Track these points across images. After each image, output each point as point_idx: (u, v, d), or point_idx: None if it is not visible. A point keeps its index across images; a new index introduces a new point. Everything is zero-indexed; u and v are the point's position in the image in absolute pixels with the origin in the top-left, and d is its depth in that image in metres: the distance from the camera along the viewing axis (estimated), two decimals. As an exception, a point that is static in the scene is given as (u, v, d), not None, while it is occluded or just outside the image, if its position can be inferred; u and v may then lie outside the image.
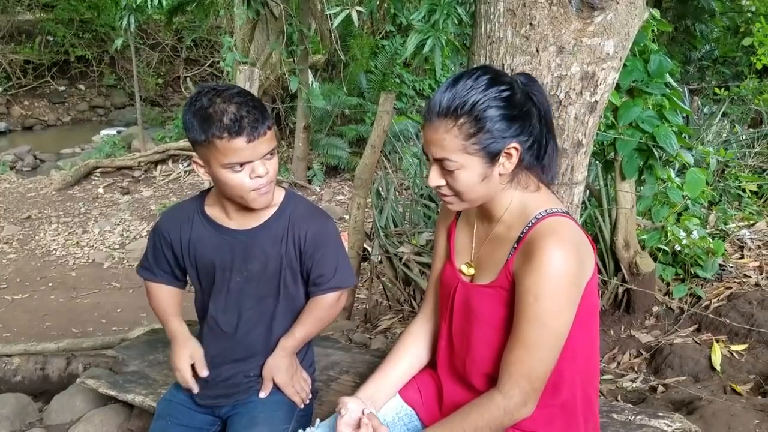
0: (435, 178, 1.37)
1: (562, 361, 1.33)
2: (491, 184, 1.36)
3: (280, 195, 1.69)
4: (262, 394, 1.71)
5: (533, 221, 1.34)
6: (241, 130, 1.44)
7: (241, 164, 1.48)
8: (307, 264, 1.68)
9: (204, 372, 1.71)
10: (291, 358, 1.73)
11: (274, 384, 1.72)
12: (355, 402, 1.49)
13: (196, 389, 1.71)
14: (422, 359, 1.63)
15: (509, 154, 1.33)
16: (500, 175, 1.35)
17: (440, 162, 1.34)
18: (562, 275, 1.26)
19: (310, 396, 1.79)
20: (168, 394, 1.79)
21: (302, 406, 1.74)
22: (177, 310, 1.81)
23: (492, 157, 1.32)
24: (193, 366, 1.73)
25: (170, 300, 1.80)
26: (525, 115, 1.33)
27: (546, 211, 1.35)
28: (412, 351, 1.61)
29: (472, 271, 1.48)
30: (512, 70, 1.79)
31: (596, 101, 1.87)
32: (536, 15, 1.74)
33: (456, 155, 1.32)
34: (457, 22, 3.50)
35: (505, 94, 1.32)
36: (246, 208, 1.60)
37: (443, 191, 1.39)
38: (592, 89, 1.84)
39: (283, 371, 1.71)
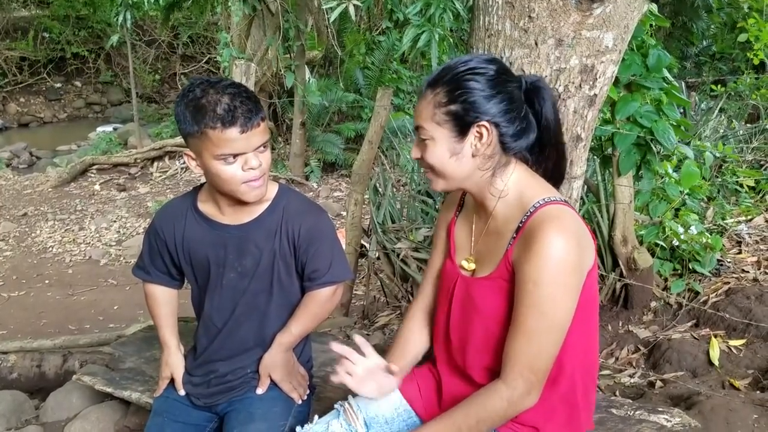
0: (414, 150, 1.40)
1: (561, 353, 1.32)
2: (464, 164, 1.35)
3: (273, 189, 1.68)
4: (259, 391, 1.71)
5: (532, 210, 1.32)
6: (234, 120, 1.43)
7: (234, 156, 1.47)
8: (301, 259, 1.67)
9: (181, 391, 1.76)
10: (287, 353, 1.73)
11: (271, 380, 1.71)
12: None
13: (181, 392, 1.76)
14: (425, 346, 1.62)
15: (480, 134, 1.32)
16: (474, 156, 1.34)
17: (417, 131, 1.37)
18: (562, 261, 1.25)
19: (308, 392, 1.78)
20: (165, 391, 1.79)
21: (300, 402, 1.73)
22: (170, 320, 1.81)
23: (460, 130, 1.32)
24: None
25: (166, 307, 1.81)
26: (509, 101, 1.32)
27: (544, 199, 1.33)
28: (416, 338, 1.61)
29: (472, 265, 1.46)
30: (511, 63, 1.78)
31: (595, 95, 1.86)
32: (535, 7, 1.73)
33: (427, 124, 1.34)
34: (453, 17, 3.48)
35: (491, 73, 1.32)
36: (239, 202, 1.59)
37: (423, 166, 1.40)
38: (591, 82, 1.83)
39: (280, 367, 1.70)
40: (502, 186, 1.38)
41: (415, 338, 1.61)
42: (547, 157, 1.42)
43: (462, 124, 1.32)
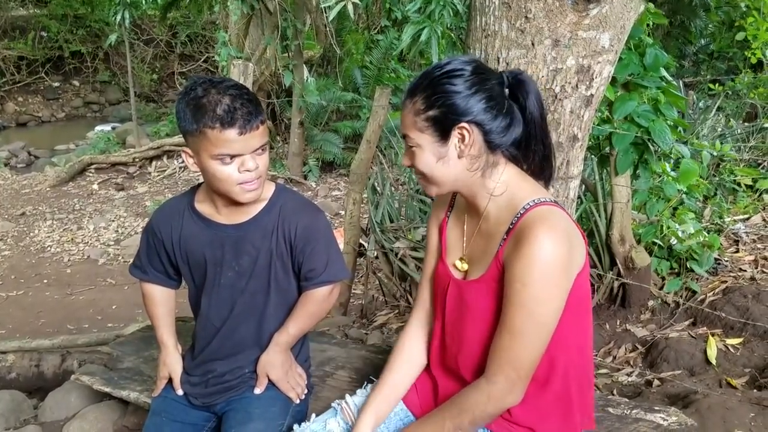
0: (404, 159, 1.41)
1: (553, 351, 1.33)
2: (452, 166, 1.35)
3: (270, 189, 1.68)
4: (257, 390, 1.71)
5: (522, 211, 1.33)
6: (233, 121, 1.44)
7: (231, 156, 1.48)
8: (297, 258, 1.67)
9: (179, 391, 1.76)
10: (285, 353, 1.73)
11: (269, 379, 1.72)
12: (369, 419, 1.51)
13: (179, 392, 1.77)
14: (421, 365, 1.60)
15: (461, 135, 1.32)
16: (460, 158, 1.34)
17: (404, 140, 1.39)
18: (550, 262, 1.25)
19: (305, 391, 1.78)
20: (163, 391, 1.79)
21: (297, 401, 1.74)
22: (168, 319, 1.82)
23: (441, 134, 1.33)
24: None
25: (163, 307, 1.81)
26: (488, 98, 1.32)
27: (535, 200, 1.34)
28: (411, 358, 1.59)
29: (465, 266, 1.46)
30: (507, 64, 1.79)
31: (592, 95, 1.87)
32: (531, 8, 1.73)
33: (411, 132, 1.35)
34: (453, 14, 3.49)
35: (468, 73, 1.32)
36: (235, 202, 1.60)
37: (415, 174, 1.41)
38: (587, 83, 1.84)
39: (278, 367, 1.70)
40: (493, 186, 1.38)
41: (412, 359, 1.59)
42: (534, 152, 1.41)
43: (443, 128, 1.32)
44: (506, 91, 1.35)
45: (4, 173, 9.04)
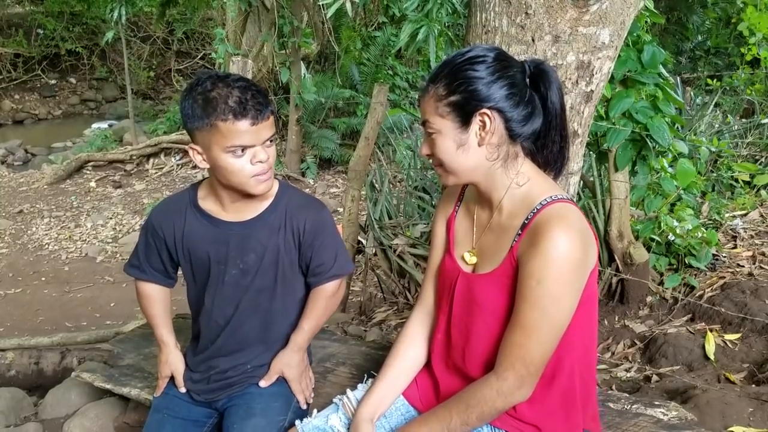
0: (423, 147, 1.41)
1: (561, 350, 1.33)
2: (471, 155, 1.34)
3: (274, 187, 1.68)
4: (263, 384, 1.71)
5: (538, 207, 1.32)
6: (246, 112, 1.44)
7: (243, 148, 1.48)
8: (306, 253, 1.67)
9: (182, 389, 1.76)
10: (302, 353, 1.75)
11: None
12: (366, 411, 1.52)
13: (182, 390, 1.77)
14: (421, 361, 1.60)
15: (482, 122, 1.31)
16: (480, 146, 1.33)
17: (424, 126, 1.38)
18: (566, 260, 1.25)
19: (312, 395, 1.79)
20: (164, 387, 1.79)
21: (305, 405, 1.75)
22: (166, 318, 1.81)
23: (463, 120, 1.32)
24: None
25: (161, 305, 1.80)
26: (510, 85, 1.31)
27: (551, 197, 1.33)
28: (411, 353, 1.59)
29: (474, 259, 1.45)
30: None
31: (592, 91, 1.88)
32: (531, 4, 1.74)
33: (432, 117, 1.35)
34: (450, 12, 3.49)
35: (490, 60, 1.31)
36: (242, 198, 1.59)
37: (434, 163, 1.41)
38: (587, 78, 1.84)
39: (295, 367, 1.72)
40: (511, 179, 1.37)
41: (413, 355, 1.59)
42: (552, 142, 1.40)
43: (464, 114, 1.31)
44: (527, 80, 1.35)
45: (2, 171, 9.02)
